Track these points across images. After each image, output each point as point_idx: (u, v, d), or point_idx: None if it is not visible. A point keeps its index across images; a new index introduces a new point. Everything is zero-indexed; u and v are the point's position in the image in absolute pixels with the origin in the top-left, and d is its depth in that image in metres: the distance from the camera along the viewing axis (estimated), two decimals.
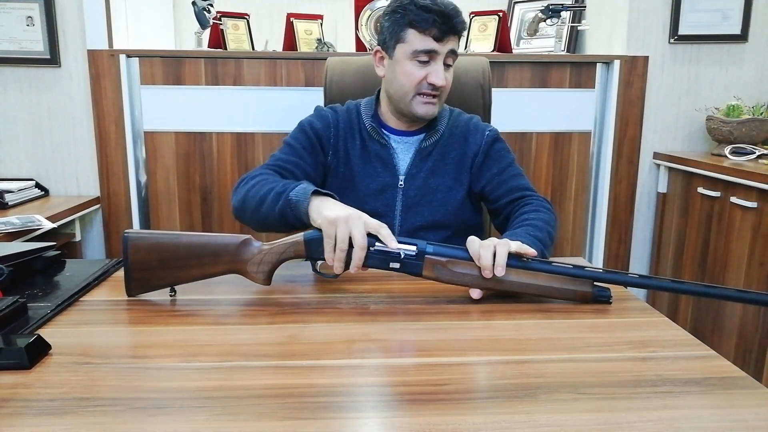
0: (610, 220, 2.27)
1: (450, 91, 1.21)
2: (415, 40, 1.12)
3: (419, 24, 1.10)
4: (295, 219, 0.98)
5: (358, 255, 0.86)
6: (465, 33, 1.18)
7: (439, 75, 1.12)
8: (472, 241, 0.89)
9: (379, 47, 1.19)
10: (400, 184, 1.20)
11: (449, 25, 1.10)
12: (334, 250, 0.87)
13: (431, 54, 1.12)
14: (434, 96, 1.15)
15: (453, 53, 1.14)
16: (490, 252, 0.86)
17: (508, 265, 0.86)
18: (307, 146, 1.19)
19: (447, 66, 1.15)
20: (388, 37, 1.16)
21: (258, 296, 0.92)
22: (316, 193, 0.96)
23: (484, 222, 1.34)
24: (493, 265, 0.86)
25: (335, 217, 0.88)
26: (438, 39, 1.10)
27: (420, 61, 1.12)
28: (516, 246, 0.88)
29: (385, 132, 1.22)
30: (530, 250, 0.88)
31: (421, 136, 1.22)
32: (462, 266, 0.88)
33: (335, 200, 0.96)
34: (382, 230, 0.88)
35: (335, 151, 1.21)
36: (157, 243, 0.88)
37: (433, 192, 1.20)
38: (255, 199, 1.05)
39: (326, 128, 1.21)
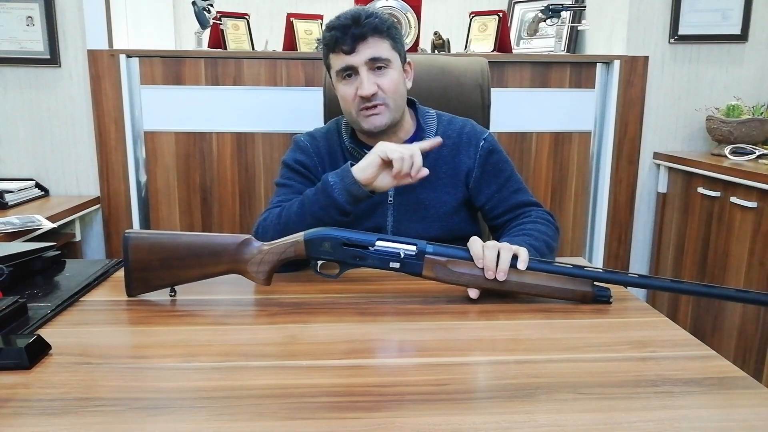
0: (610, 220, 2.27)
1: (449, 92, 1.19)
2: (334, 61, 1.11)
3: (329, 45, 1.10)
4: (343, 200, 1.00)
5: (417, 161, 0.97)
6: (385, 29, 1.09)
7: (363, 85, 1.08)
8: (474, 242, 0.89)
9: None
10: (390, 200, 1.16)
11: (354, 34, 1.06)
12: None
13: (350, 69, 1.09)
14: (374, 106, 1.10)
15: (375, 60, 1.08)
16: (494, 253, 0.87)
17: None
18: (302, 181, 1.17)
19: (379, 69, 1.09)
20: (326, 69, 1.17)
21: (258, 296, 0.92)
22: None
23: (481, 232, 1.28)
24: (497, 267, 0.86)
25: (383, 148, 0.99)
26: (348, 52, 1.08)
27: (346, 79, 1.11)
28: (515, 249, 0.88)
29: (366, 151, 1.16)
30: (524, 256, 0.88)
31: None
32: (462, 266, 0.88)
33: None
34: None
35: None
36: (157, 243, 0.88)
37: (425, 207, 1.16)
38: (292, 219, 1.03)
39: (310, 158, 1.19)
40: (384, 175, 1.00)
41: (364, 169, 0.99)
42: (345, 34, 1.07)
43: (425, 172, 0.99)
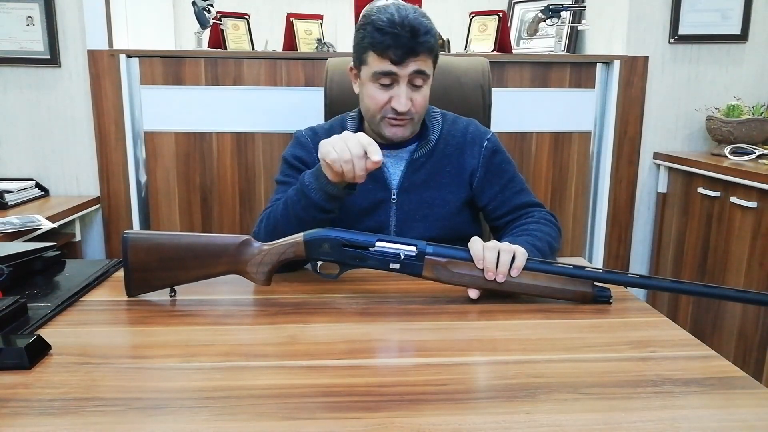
0: (610, 220, 2.27)
1: (450, 92, 1.19)
2: (374, 62, 1.06)
3: (376, 47, 1.05)
4: (320, 200, 0.97)
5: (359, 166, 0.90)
6: (434, 48, 1.07)
7: (400, 100, 1.06)
8: (475, 242, 0.89)
9: (352, 65, 1.15)
10: (393, 199, 1.15)
11: (407, 48, 1.03)
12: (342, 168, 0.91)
13: (391, 76, 1.06)
14: (402, 120, 1.09)
15: (419, 73, 1.06)
16: (494, 254, 0.87)
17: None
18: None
19: (416, 87, 1.08)
20: (355, 57, 1.13)
21: (258, 296, 0.92)
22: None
23: (483, 232, 1.27)
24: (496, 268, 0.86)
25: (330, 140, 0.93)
26: (396, 62, 1.04)
27: (382, 84, 1.07)
28: (515, 249, 0.88)
29: None
30: (518, 263, 0.87)
31: (412, 146, 1.17)
32: (462, 267, 0.88)
33: None
34: (371, 146, 0.90)
35: None
36: (156, 243, 0.88)
37: (428, 206, 1.16)
38: (279, 221, 1.02)
39: (309, 154, 1.17)
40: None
41: (327, 170, 0.95)
42: (398, 43, 1.02)
43: (373, 164, 0.92)
